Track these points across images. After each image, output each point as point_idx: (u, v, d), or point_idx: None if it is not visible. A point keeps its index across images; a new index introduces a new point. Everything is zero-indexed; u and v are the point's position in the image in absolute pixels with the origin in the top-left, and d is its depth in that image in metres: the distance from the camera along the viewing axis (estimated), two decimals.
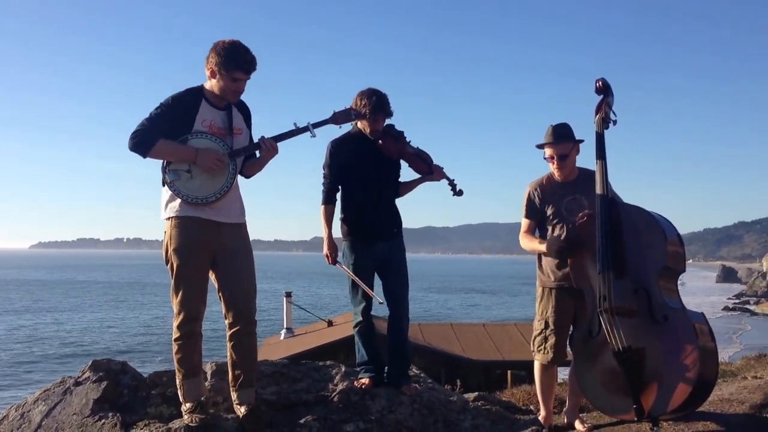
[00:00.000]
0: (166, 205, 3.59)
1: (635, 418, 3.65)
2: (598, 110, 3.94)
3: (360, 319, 4.15)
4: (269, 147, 3.63)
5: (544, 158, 3.99)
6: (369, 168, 4.08)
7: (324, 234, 4.17)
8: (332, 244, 4.16)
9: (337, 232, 4.20)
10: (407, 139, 4.16)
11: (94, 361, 4.25)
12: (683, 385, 3.46)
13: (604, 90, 3.95)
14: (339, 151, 4.13)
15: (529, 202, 4.04)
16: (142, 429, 3.67)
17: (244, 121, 3.74)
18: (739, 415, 3.95)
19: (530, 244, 4.03)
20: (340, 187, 4.17)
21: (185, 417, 3.63)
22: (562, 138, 3.92)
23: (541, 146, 4.00)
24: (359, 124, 4.13)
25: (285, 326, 16.48)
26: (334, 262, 4.16)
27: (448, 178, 4.15)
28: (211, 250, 3.59)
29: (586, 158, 4.02)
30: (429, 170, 4.16)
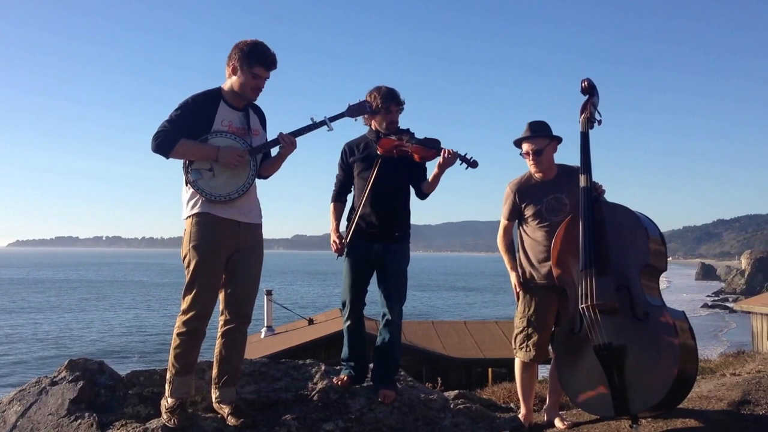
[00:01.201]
0: (187, 204, 3.62)
1: (615, 416, 3.65)
2: (583, 110, 3.97)
3: (348, 315, 4.14)
4: (288, 142, 3.67)
5: (521, 155, 3.99)
6: (369, 169, 4.06)
7: (331, 228, 4.22)
8: (338, 235, 4.16)
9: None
10: (410, 134, 4.05)
11: (70, 360, 4.19)
12: (663, 383, 3.47)
13: (590, 90, 3.99)
14: (349, 152, 4.21)
15: (512, 204, 4.02)
16: (118, 429, 3.63)
17: (260, 123, 3.78)
18: (717, 412, 3.97)
19: (504, 255, 4.09)
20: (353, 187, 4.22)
21: (164, 416, 3.59)
22: (538, 133, 3.93)
23: (518, 143, 4.01)
24: (374, 124, 4.13)
25: (266, 324, 16.46)
26: (342, 249, 4.11)
27: (459, 156, 3.92)
28: (229, 248, 3.61)
29: (572, 157, 4.03)
30: (435, 153, 3.96)
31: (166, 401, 3.64)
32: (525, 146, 3.94)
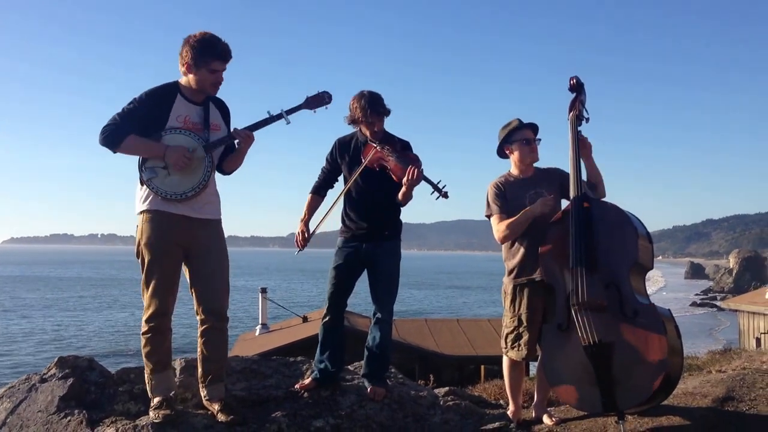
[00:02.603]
0: (139, 200, 3.58)
1: (602, 412, 3.69)
2: (571, 108, 3.99)
3: (327, 311, 4.15)
4: (244, 136, 3.62)
5: (521, 143, 3.98)
6: (355, 171, 4.06)
7: (300, 218, 4.19)
8: (306, 228, 4.14)
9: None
10: (394, 145, 3.99)
11: (60, 357, 4.20)
12: (650, 380, 3.51)
13: (578, 88, 4.01)
14: (338, 149, 4.18)
15: (503, 197, 4.02)
16: (108, 426, 3.63)
17: (221, 117, 3.72)
18: (702, 408, 4.00)
19: (517, 220, 3.90)
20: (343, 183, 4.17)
21: (151, 413, 3.61)
22: (532, 124, 4.05)
23: (508, 138, 4.04)
24: (361, 128, 4.10)
25: (260, 322, 16.49)
26: (304, 244, 4.10)
27: (431, 183, 3.89)
28: (182, 245, 3.58)
29: (559, 158, 4.10)
30: (404, 178, 3.86)
31: (152, 400, 3.66)
32: (528, 132, 4.01)
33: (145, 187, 3.53)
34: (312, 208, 4.21)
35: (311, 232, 4.14)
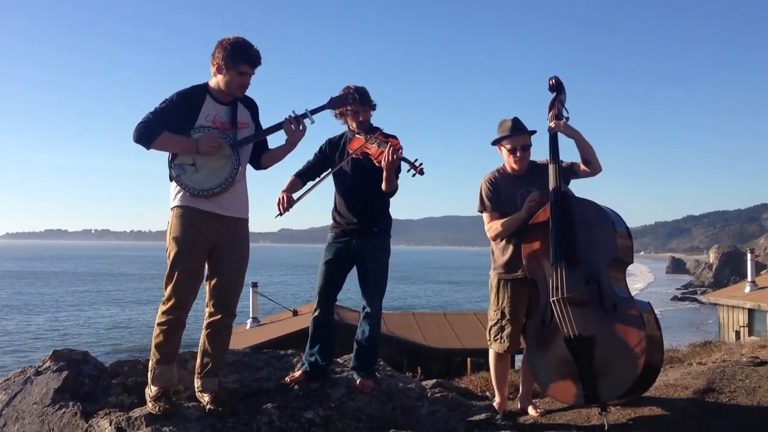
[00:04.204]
0: (172, 196, 3.68)
1: (585, 404, 3.78)
2: (551, 107, 4.05)
3: (317, 305, 4.21)
4: (299, 129, 3.73)
5: (508, 150, 4.02)
6: (343, 168, 4.13)
7: (282, 189, 4.20)
8: (287, 195, 4.13)
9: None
10: (377, 134, 4.04)
11: (54, 350, 4.25)
12: (631, 372, 3.61)
13: (557, 87, 4.06)
14: (328, 146, 4.29)
15: (492, 192, 4.07)
16: (102, 418, 3.68)
17: (250, 116, 3.82)
18: (683, 400, 4.10)
19: (507, 221, 3.98)
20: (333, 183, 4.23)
21: (149, 404, 3.66)
22: (524, 130, 4.04)
23: (498, 141, 4.10)
24: (349, 123, 4.18)
25: (251, 316, 16.59)
26: (287, 208, 4.09)
27: (407, 160, 3.92)
28: (209, 241, 3.66)
29: (539, 152, 4.19)
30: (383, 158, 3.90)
31: (150, 389, 3.71)
32: (517, 142, 3.99)
33: (175, 183, 3.64)
34: (293, 187, 4.23)
35: (294, 199, 4.13)
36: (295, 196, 4.15)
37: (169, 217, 3.69)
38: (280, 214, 4.09)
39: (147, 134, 3.51)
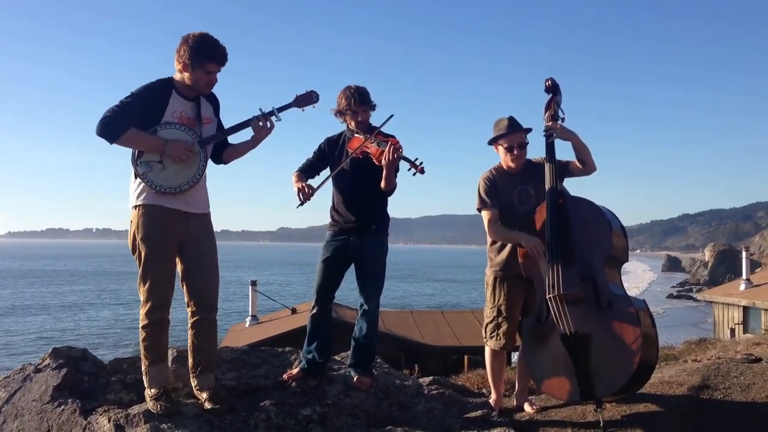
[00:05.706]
0: (134, 194, 3.62)
1: (581, 400, 3.81)
2: (547, 108, 4.07)
3: (315, 303, 4.23)
4: (266, 127, 3.71)
5: (504, 148, 4.05)
6: (343, 167, 4.12)
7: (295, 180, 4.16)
8: (305, 183, 4.10)
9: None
10: (376, 133, 4.04)
11: (54, 348, 4.26)
12: (626, 369, 3.64)
13: (553, 89, 4.09)
14: (327, 145, 4.29)
15: (490, 189, 4.09)
16: (101, 415, 3.69)
17: (213, 111, 3.79)
18: (678, 397, 4.14)
19: (508, 234, 4.03)
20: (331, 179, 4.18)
21: (150, 404, 3.66)
22: (520, 128, 4.07)
23: (495, 140, 4.12)
24: (349, 122, 4.18)
25: (250, 314, 16.66)
26: (309, 196, 4.03)
27: (408, 160, 3.94)
28: (177, 238, 3.64)
29: (533, 151, 4.22)
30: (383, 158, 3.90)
31: (149, 391, 3.70)
32: (514, 140, 4.02)
33: (138, 181, 3.57)
34: (297, 176, 4.20)
35: (314, 188, 4.07)
36: (314, 185, 4.12)
37: (132, 216, 3.62)
38: (302, 203, 4.04)
39: (112, 129, 3.40)
